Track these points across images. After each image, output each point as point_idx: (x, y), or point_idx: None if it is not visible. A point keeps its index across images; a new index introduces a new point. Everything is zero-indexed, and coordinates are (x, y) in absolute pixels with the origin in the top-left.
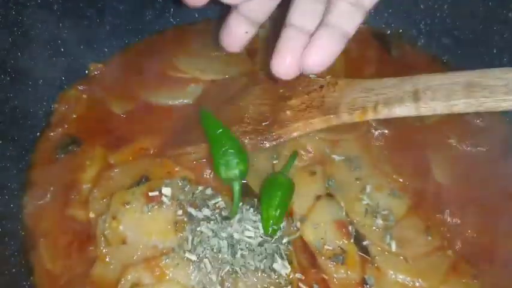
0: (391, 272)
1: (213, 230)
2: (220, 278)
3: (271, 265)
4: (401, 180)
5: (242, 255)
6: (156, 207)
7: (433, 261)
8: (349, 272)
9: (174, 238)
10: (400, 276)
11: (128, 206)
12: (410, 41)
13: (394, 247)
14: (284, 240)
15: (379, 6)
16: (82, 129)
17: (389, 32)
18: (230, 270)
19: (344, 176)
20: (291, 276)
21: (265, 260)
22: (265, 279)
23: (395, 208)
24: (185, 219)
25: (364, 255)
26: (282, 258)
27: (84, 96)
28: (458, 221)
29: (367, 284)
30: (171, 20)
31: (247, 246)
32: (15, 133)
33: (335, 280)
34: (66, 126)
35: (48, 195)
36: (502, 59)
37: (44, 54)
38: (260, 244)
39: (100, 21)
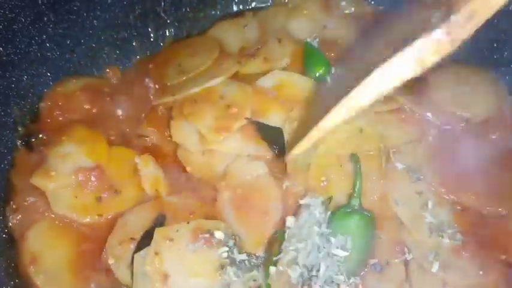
0: None
1: None
2: None
3: None
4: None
5: None
6: (204, 246)
7: None
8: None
9: (218, 280)
10: None
11: (171, 242)
12: None
13: (435, 268)
14: None
15: None
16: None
17: None
18: None
19: (406, 189)
20: None
21: None
22: None
23: (459, 225)
24: (228, 261)
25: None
26: None
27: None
28: None
29: None
30: None
31: None
32: None
33: None
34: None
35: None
36: (503, 53)
37: (28, 49)
38: None
39: None
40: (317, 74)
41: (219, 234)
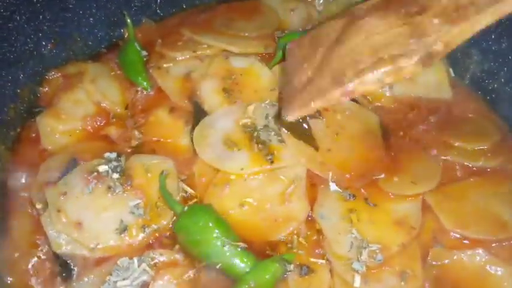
0: None
1: None
2: None
3: None
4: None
5: None
6: (98, 184)
7: None
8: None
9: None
10: None
11: (66, 196)
12: None
13: (357, 282)
14: None
15: None
16: None
17: None
18: None
19: (336, 206)
20: None
21: None
22: None
23: (388, 244)
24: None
25: None
26: None
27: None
28: None
29: None
30: None
31: None
32: None
33: None
34: None
35: None
36: (501, 44)
37: (24, 47)
38: None
39: None
40: None
41: (102, 168)
